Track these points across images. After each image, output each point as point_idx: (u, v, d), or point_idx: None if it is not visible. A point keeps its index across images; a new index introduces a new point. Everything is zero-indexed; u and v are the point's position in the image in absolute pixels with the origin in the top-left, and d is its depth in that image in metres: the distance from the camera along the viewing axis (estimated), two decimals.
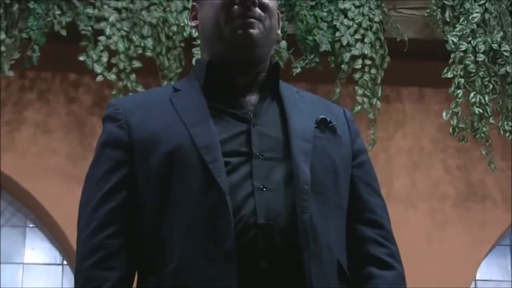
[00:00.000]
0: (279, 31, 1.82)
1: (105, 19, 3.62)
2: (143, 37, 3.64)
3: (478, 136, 3.77)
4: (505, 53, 3.77)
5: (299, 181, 1.60)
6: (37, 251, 4.02)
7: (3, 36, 3.54)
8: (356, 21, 3.79)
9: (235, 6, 1.69)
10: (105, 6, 3.65)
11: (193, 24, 1.81)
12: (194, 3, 1.81)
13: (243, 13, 1.68)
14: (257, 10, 1.69)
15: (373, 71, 3.77)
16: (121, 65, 3.60)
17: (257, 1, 1.69)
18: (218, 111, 1.68)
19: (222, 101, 1.69)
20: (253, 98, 1.71)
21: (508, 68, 3.76)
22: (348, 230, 1.70)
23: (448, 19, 3.84)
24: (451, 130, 3.75)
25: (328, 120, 1.71)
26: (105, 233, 1.62)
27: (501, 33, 3.80)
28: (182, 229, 1.57)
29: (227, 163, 1.59)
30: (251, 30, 1.67)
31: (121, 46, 3.60)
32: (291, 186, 1.60)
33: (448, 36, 3.79)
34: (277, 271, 1.55)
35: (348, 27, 3.78)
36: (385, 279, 1.68)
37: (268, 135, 1.66)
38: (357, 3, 3.82)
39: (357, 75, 3.77)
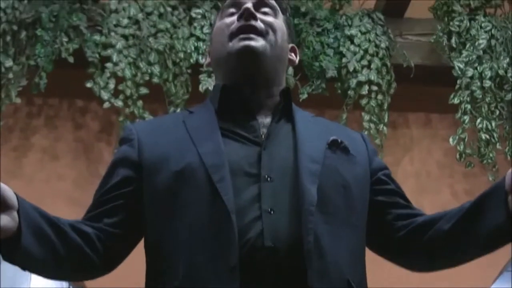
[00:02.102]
0: (295, 58, 1.87)
1: (112, 46, 3.63)
2: (150, 63, 3.64)
3: (485, 161, 3.76)
4: (511, 79, 3.77)
5: (305, 202, 1.58)
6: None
7: (10, 63, 3.55)
8: (363, 47, 3.79)
9: (236, 22, 1.74)
10: (112, 33, 3.65)
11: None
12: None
13: (243, 27, 1.73)
14: (259, 23, 1.74)
15: (379, 97, 3.77)
16: (128, 92, 3.60)
17: (256, 14, 1.74)
18: (230, 133, 1.69)
19: (234, 124, 1.71)
20: (266, 120, 1.73)
21: None
22: (391, 228, 1.75)
23: (454, 45, 3.84)
24: (458, 156, 3.74)
25: (340, 140, 1.72)
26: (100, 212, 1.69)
27: (507, 59, 3.79)
28: (187, 246, 1.57)
29: (235, 184, 1.59)
30: (251, 42, 1.72)
31: (128, 73, 3.60)
32: (299, 208, 1.59)
33: (455, 62, 3.79)
34: None
35: (355, 53, 3.78)
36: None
37: (278, 157, 1.66)
38: (363, 29, 3.83)
39: (363, 101, 3.77)
